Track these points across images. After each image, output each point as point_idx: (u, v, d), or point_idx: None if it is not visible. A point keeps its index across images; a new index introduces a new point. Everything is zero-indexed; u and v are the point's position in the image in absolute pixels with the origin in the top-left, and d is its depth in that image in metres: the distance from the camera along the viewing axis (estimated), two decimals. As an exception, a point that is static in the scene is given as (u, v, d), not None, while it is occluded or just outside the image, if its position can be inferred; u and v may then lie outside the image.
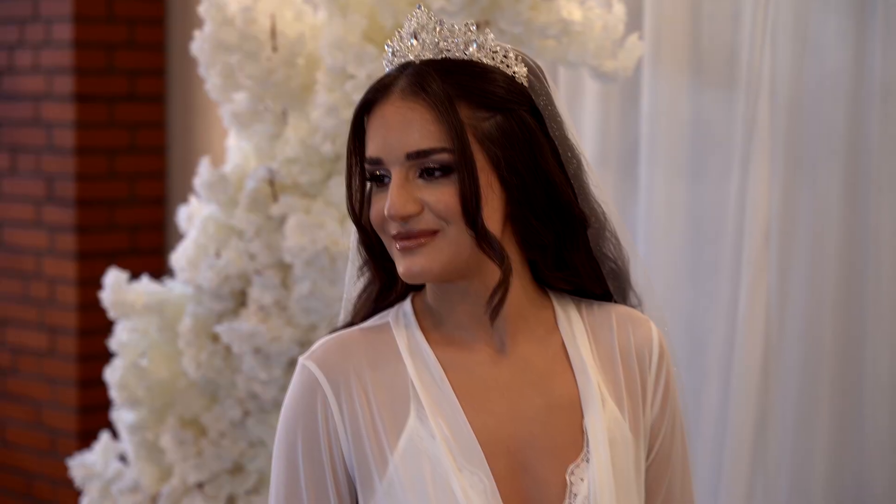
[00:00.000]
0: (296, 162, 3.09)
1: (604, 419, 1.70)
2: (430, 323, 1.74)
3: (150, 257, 4.56)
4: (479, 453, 1.66)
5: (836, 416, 2.90)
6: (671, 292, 3.08)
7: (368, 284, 1.79)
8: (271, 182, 3.13)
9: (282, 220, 3.13)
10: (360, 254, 1.77)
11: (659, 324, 1.82)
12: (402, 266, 1.66)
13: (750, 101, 2.96)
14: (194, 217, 3.33)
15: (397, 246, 1.67)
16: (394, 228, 1.66)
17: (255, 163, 3.19)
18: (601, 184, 1.78)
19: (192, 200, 3.40)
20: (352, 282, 1.82)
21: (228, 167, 3.24)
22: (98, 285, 3.58)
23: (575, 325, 1.76)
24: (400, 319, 1.75)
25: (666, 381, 1.78)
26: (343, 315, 1.82)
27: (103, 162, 4.64)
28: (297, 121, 3.13)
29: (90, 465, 3.51)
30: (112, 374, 3.34)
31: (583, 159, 1.76)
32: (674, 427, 1.80)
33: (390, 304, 1.78)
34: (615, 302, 1.81)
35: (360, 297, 1.80)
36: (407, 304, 1.76)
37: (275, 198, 3.12)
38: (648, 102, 3.13)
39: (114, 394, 3.33)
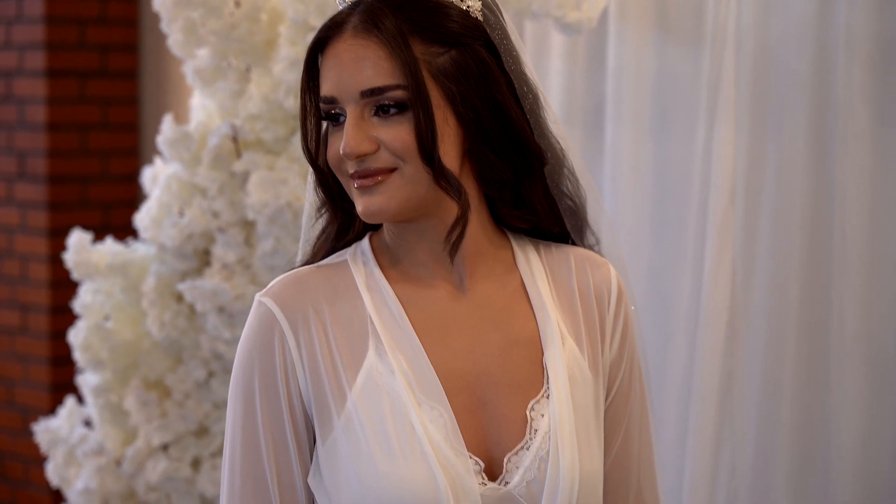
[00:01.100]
0: (259, 118, 3.07)
1: (563, 356, 1.70)
2: (388, 260, 1.72)
3: (123, 234, 4.53)
4: (439, 388, 1.65)
5: (803, 370, 2.88)
6: (637, 249, 3.06)
7: (327, 225, 1.78)
8: (234, 139, 3.11)
9: (245, 178, 3.11)
10: (318, 195, 1.76)
11: (617, 265, 1.81)
12: (361, 205, 1.65)
13: (715, 55, 2.94)
14: (158, 177, 3.30)
15: (354, 185, 1.65)
16: (350, 168, 1.65)
17: (219, 120, 3.17)
18: (559, 120, 1.76)
19: (157, 161, 3.38)
20: (310, 223, 1.80)
21: (192, 125, 3.22)
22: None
23: (534, 264, 1.76)
24: (358, 257, 1.73)
25: (624, 322, 1.78)
26: (301, 256, 1.81)
27: (75, 138, 4.62)
28: (260, 77, 3.11)
29: (55, 430, 3.48)
30: (75, 336, 3.31)
31: (540, 94, 1.74)
32: (632, 369, 1.79)
33: (348, 244, 1.76)
34: (572, 243, 1.80)
35: (318, 238, 1.79)
36: (365, 242, 1.74)
37: (238, 154, 3.10)
38: (614, 59, 3.11)
39: (77, 355, 3.30)
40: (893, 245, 2.80)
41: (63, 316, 4.40)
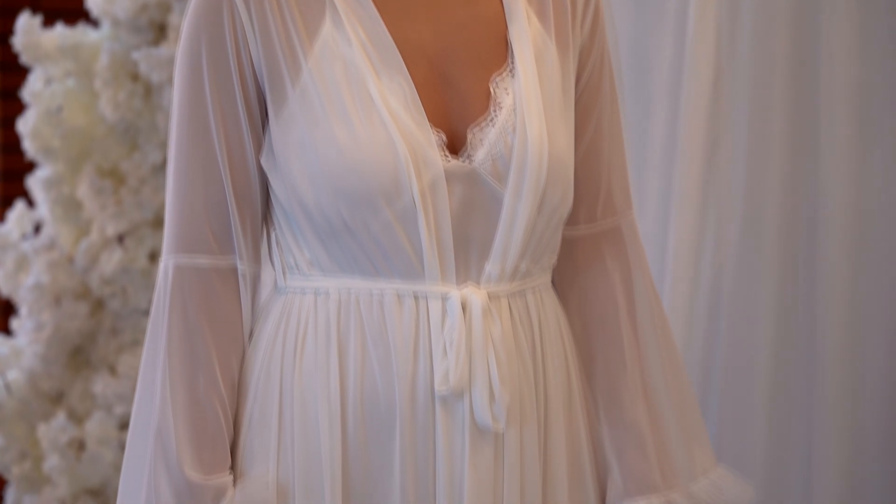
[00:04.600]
0: None
1: (529, 33, 1.62)
2: None
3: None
4: (398, 58, 1.57)
5: (789, 138, 2.77)
6: (617, 14, 2.90)
7: None
8: None
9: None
10: None
11: None
12: None
13: None
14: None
15: None
16: None
17: None
18: None
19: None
20: None
21: None
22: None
23: None
24: None
25: (595, 10, 1.69)
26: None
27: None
28: None
29: (4, 235, 3.33)
30: (25, 125, 3.14)
31: None
32: (602, 60, 1.71)
33: None
34: None
35: None
36: None
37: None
38: None
39: (27, 144, 3.14)
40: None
41: (12, 102, 4.18)
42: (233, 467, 1.59)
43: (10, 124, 3.55)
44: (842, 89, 2.71)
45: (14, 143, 3.76)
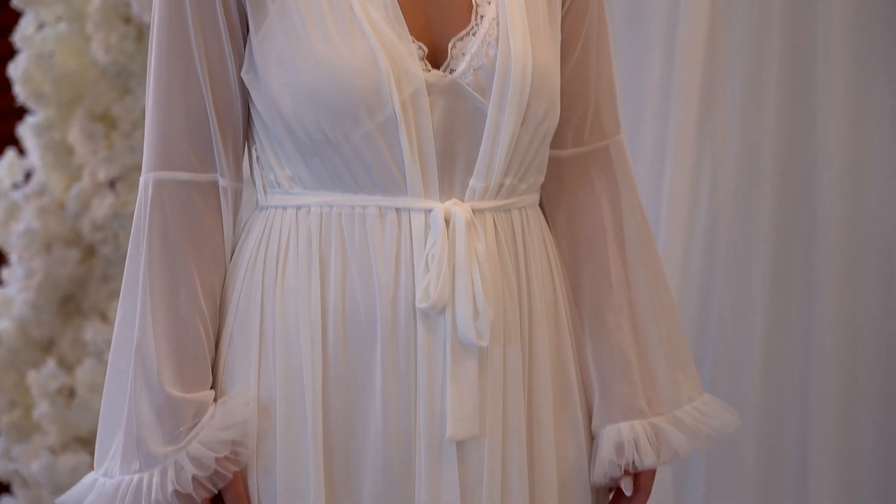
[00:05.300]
0: None
1: None
2: None
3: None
4: None
5: (785, 84, 2.75)
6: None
7: None
8: None
9: None
10: None
11: None
12: None
13: None
14: None
15: None
16: None
17: None
18: None
19: None
20: None
21: None
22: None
23: None
24: None
25: None
26: None
27: None
28: None
29: (-6, 181, 3.30)
30: (15, 69, 3.11)
31: None
32: None
33: None
34: None
35: None
36: None
37: None
38: None
39: (18, 89, 3.11)
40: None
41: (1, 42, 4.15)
42: (214, 385, 1.56)
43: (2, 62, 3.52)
44: (838, 31, 2.69)
45: (3, 83, 3.73)
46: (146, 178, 1.58)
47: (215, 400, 1.55)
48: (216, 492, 1.53)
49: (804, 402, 2.69)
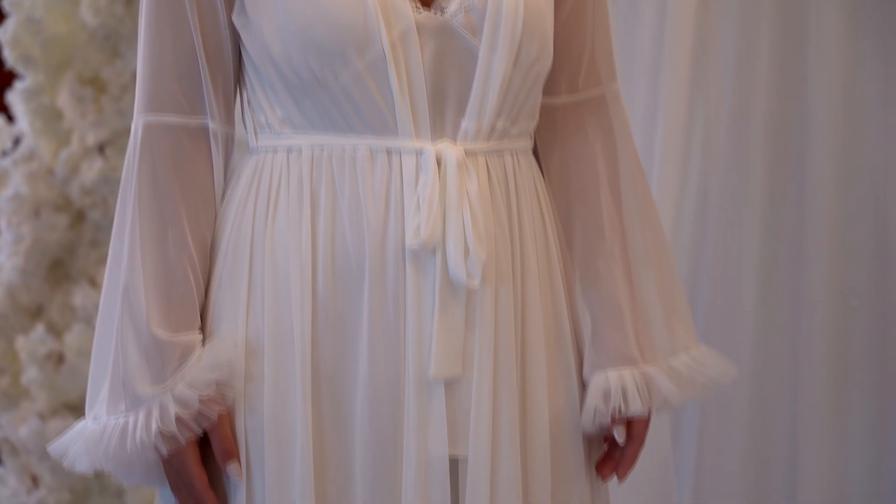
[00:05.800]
0: None
1: None
2: None
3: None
4: None
5: (777, 42, 2.74)
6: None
7: None
8: None
9: None
10: None
11: None
12: None
13: None
14: None
15: None
16: None
17: None
18: None
19: None
20: None
21: None
22: None
23: None
24: None
25: None
26: None
27: None
28: None
29: (-17, 149, 3.28)
30: (4, 33, 3.09)
31: None
32: None
33: None
34: None
35: None
36: None
37: None
38: None
39: (6, 53, 3.09)
40: None
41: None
42: (203, 328, 1.55)
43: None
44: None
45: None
46: (136, 122, 1.57)
47: (204, 342, 1.54)
48: (201, 433, 1.52)
49: (796, 357, 2.70)
